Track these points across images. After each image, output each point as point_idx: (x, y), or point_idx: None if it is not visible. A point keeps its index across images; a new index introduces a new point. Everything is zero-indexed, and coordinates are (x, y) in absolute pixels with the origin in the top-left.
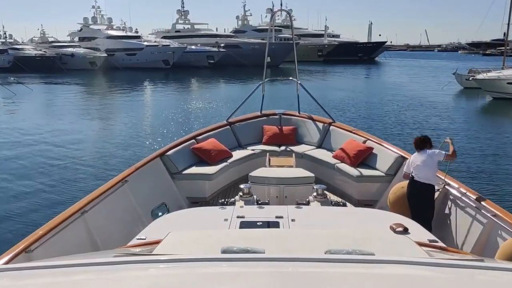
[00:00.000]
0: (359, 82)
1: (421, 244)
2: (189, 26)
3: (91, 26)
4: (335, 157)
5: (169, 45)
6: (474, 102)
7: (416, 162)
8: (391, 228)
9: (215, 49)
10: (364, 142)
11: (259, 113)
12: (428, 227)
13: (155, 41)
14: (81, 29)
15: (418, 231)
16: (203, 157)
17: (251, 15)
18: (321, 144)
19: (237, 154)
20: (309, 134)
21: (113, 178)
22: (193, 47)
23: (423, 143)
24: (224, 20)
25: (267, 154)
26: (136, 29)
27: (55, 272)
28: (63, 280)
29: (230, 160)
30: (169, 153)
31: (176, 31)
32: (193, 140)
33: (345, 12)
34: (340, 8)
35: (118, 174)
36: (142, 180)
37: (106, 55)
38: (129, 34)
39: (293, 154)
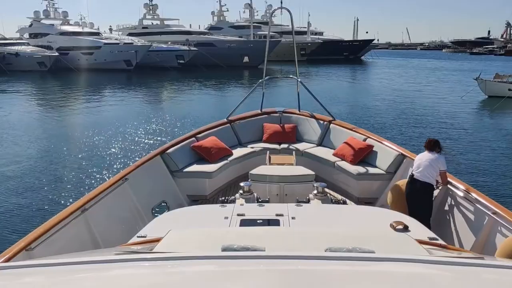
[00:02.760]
0: (352, 89)
1: (421, 242)
2: (158, 22)
3: (42, 21)
4: (335, 155)
5: (131, 43)
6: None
7: (420, 161)
8: (391, 226)
9: (185, 47)
10: (364, 140)
11: (259, 111)
12: (427, 226)
13: (116, 39)
14: (31, 25)
15: (418, 229)
16: (203, 155)
17: (227, 10)
18: (322, 142)
19: (237, 152)
20: (310, 132)
21: (113, 176)
22: (162, 45)
23: (433, 145)
24: (199, 17)
25: (268, 152)
26: (110, 26)
27: (56, 270)
28: (64, 278)
29: (230, 158)
30: (169, 151)
31: (143, 27)
32: (193, 138)
33: (326, 10)
34: (322, 5)
35: (119, 172)
36: (142, 178)
37: (57, 54)
38: (86, 30)
39: (293, 152)
